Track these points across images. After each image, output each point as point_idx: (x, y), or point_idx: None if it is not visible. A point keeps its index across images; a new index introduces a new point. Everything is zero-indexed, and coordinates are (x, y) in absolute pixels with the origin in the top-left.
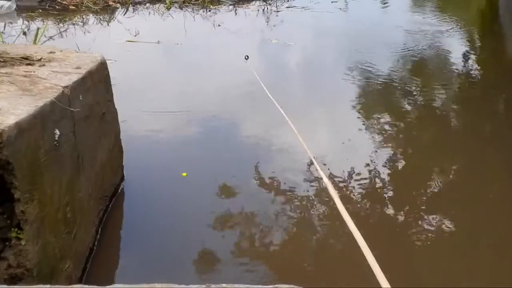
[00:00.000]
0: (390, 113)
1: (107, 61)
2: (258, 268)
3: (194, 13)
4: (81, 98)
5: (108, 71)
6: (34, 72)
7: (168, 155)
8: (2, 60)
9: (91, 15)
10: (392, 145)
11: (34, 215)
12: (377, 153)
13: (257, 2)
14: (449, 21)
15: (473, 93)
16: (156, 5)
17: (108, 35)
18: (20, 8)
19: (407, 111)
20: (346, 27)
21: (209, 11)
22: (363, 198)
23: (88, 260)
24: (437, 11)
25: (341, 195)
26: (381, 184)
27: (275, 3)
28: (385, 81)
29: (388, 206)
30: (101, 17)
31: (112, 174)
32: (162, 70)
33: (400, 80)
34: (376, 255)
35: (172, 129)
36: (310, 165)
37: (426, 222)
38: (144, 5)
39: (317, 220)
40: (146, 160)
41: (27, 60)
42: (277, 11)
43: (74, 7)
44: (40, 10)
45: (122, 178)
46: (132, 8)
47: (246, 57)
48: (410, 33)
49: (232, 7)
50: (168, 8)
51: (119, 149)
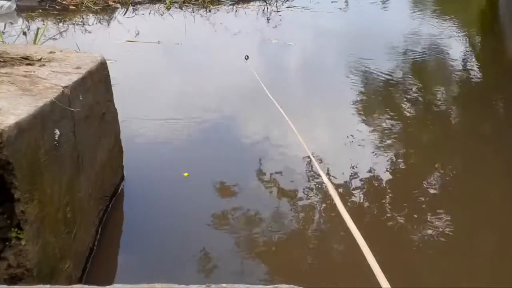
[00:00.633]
0: (390, 113)
1: (107, 61)
2: (258, 268)
3: (194, 13)
4: (81, 98)
5: (108, 71)
6: (34, 72)
7: (168, 155)
8: (2, 60)
9: (91, 15)
10: (392, 145)
11: (34, 215)
12: (377, 153)
13: (257, 2)
14: (449, 21)
15: (473, 93)
16: (156, 5)
17: (108, 35)
18: (20, 8)
19: (407, 110)
20: (346, 27)
21: (209, 11)
22: (363, 198)
23: (88, 260)
24: (437, 11)
25: (341, 195)
26: (381, 184)
27: (275, 3)
28: (385, 81)
29: (388, 206)
30: (101, 17)
31: (112, 174)
32: (162, 70)
33: (400, 80)
34: (376, 255)
35: (172, 129)
36: (310, 165)
37: (426, 222)
38: (144, 5)
39: (317, 220)
40: (146, 160)
41: (27, 60)
42: (277, 11)
43: (74, 7)
44: (40, 10)
45: (122, 178)
46: (132, 8)
47: (246, 57)
48: (410, 33)
49: (232, 7)
50: (168, 8)
51: (119, 149)
